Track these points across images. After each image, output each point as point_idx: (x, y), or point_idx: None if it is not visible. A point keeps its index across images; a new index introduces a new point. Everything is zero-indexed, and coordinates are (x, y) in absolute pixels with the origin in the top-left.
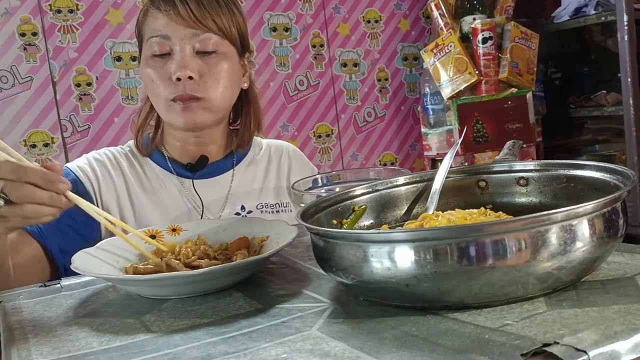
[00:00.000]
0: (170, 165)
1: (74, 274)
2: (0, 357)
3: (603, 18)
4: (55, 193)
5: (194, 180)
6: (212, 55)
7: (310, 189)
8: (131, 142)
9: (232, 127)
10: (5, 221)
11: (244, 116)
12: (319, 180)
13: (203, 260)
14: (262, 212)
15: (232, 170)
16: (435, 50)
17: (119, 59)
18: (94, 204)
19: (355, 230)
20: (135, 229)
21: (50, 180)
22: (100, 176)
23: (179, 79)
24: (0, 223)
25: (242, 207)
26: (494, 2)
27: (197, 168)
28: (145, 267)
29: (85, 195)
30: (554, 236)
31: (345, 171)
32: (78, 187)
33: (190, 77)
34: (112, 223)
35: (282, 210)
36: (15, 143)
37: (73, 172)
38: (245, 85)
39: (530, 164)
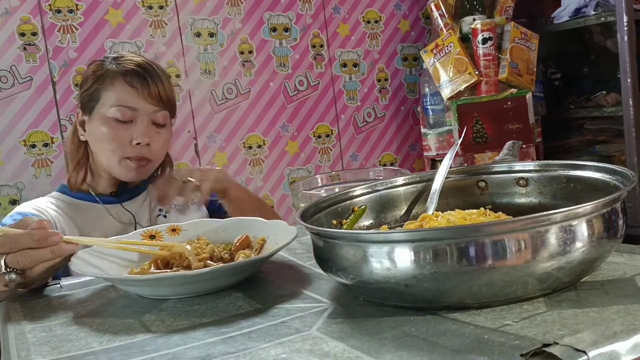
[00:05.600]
0: (97, 198)
1: (74, 274)
2: (0, 357)
3: (603, 18)
4: (53, 246)
5: (123, 203)
6: (162, 127)
7: (310, 189)
8: (52, 193)
9: None
10: (30, 284)
11: (164, 164)
12: (319, 180)
13: (212, 262)
14: (175, 208)
15: (146, 190)
16: (435, 51)
17: None
18: None
19: (355, 231)
20: None
21: (42, 237)
22: (50, 213)
23: (138, 144)
24: (27, 286)
25: (160, 210)
26: (493, 3)
27: (119, 193)
28: (143, 271)
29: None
30: (553, 237)
31: (345, 171)
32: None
33: (148, 144)
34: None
35: (188, 205)
36: (14, 143)
37: (27, 212)
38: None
39: (529, 165)
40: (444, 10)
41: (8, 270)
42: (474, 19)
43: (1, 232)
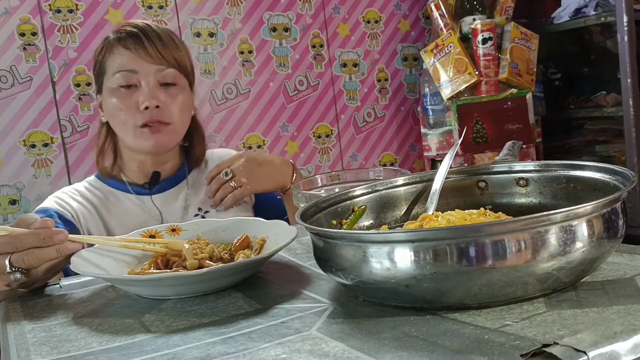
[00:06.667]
0: (128, 187)
1: (74, 273)
2: None
3: (603, 19)
4: (58, 244)
5: (152, 196)
6: (173, 87)
7: (310, 189)
8: (88, 178)
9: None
10: (33, 283)
11: (195, 138)
12: (319, 180)
13: (212, 262)
14: (217, 210)
15: (185, 180)
16: (435, 51)
17: None
18: (78, 230)
19: (355, 231)
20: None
21: (47, 236)
22: (74, 207)
23: (146, 108)
24: (29, 285)
25: (199, 209)
26: (493, 3)
27: (152, 184)
28: (144, 271)
29: (70, 223)
30: (553, 237)
31: (344, 171)
32: (62, 217)
33: (157, 106)
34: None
35: (235, 206)
36: (14, 143)
37: (51, 208)
38: (194, 112)
39: (529, 165)
40: (444, 10)
41: (13, 269)
42: (474, 19)
43: (5, 231)
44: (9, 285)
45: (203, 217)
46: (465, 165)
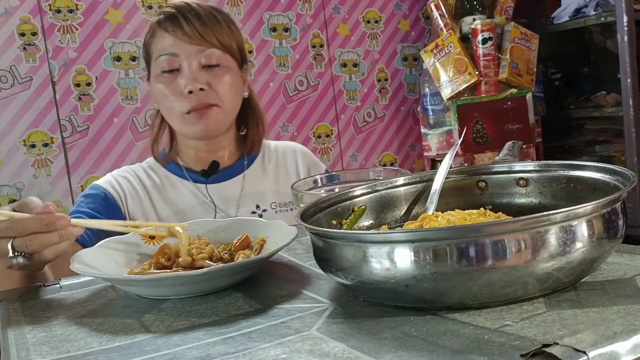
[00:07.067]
0: (185, 173)
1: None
2: None
3: (603, 19)
4: (61, 230)
5: (208, 185)
6: (217, 68)
7: (310, 189)
8: (149, 159)
9: (239, 134)
10: (36, 266)
11: (250, 122)
12: (319, 181)
13: (212, 262)
14: (276, 211)
15: (243, 173)
16: (435, 51)
17: (118, 59)
18: (121, 212)
19: (355, 231)
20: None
21: (50, 222)
22: (125, 189)
23: (190, 92)
24: (34, 268)
25: (257, 206)
26: (493, 3)
27: (210, 173)
28: (144, 271)
29: (114, 205)
30: (553, 237)
31: (345, 171)
32: (108, 199)
33: (201, 89)
34: (122, 226)
35: (296, 209)
36: (14, 143)
37: (102, 187)
38: (246, 94)
39: (529, 165)
40: (444, 10)
41: (16, 254)
42: (474, 19)
43: (8, 216)
44: (11, 267)
45: (261, 215)
46: (465, 165)
